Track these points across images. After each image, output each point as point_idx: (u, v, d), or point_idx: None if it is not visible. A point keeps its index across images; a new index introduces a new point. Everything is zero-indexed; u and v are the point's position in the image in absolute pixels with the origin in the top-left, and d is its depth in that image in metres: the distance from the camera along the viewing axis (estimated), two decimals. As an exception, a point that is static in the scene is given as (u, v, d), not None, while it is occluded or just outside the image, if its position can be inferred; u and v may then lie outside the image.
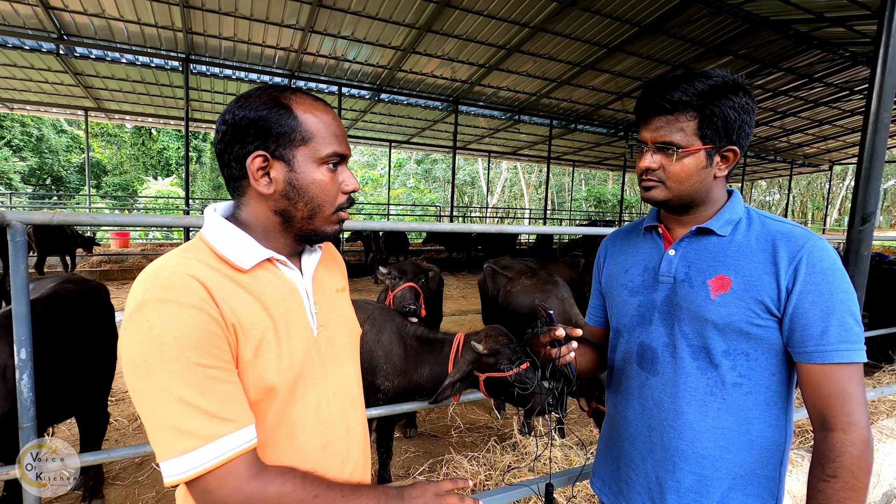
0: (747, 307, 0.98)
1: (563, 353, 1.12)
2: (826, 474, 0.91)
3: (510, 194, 33.03)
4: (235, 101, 0.86)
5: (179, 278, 0.75)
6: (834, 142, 16.65)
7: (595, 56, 9.41)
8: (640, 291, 1.15)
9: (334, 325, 0.96)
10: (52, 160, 20.88)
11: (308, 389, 0.87)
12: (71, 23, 7.65)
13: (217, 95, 11.29)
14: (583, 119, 13.63)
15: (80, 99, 11.44)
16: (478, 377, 2.13)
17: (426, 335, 2.53)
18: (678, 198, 1.05)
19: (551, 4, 7.51)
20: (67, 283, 2.56)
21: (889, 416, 3.10)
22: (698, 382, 1.04)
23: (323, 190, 0.87)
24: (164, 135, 23.70)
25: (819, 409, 0.94)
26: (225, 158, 0.87)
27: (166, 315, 0.72)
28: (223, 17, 7.63)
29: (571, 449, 2.66)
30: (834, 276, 0.94)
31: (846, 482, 0.89)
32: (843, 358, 0.92)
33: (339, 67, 9.75)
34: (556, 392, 1.38)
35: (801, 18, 8.07)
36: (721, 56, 9.59)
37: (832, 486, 0.90)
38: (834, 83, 11.40)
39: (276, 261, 0.89)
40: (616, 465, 1.21)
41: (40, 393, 1.65)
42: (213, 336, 0.74)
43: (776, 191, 35.54)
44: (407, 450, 3.54)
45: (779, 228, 1.01)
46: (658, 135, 1.02)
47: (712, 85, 0.98)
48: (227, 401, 0.73)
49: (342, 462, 0.92)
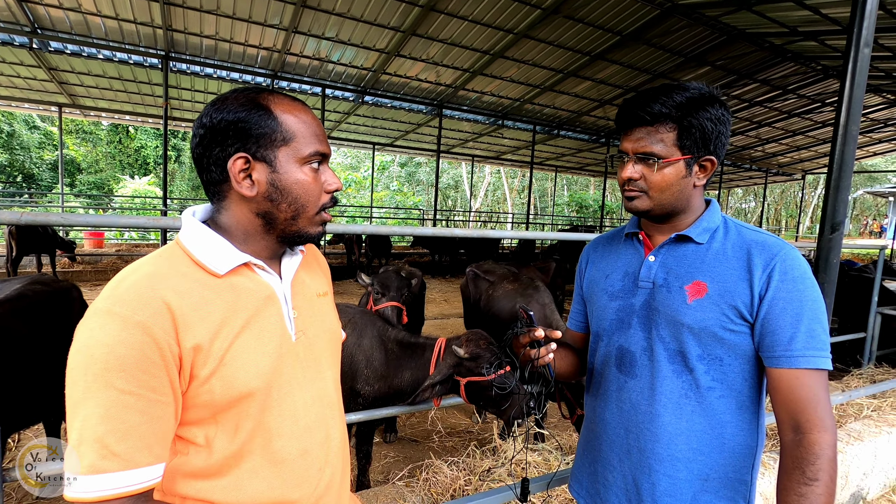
0: (722, 312, 1.01)
1: (543, 354, 1.14)
2: (808, 478, 0.91)
3: (493, 198, 33.21)
4: (212, 105, 0.84)
5: (137, 293, 0.73)
6: (806, 152, 17.17)
7: (578, 63, 9.54)
8: (620, 296, 1.17)
9: (314, 330, 0.95)
10: (23, 157, 20.23)
11: (284, 396, 0.86)
12: (45, 16, 7.45)
13: (197, 94, 11.11)
14: (565, 125, 13.80)
15: (54, 95, 11.13)
16: (458, 382, 2.13)
17: (407, 340, 2.52)
18: (660, 206, 1.08)
19: (535, 12, 7.60)
20: (35, 283, 2.48)
21: (856, 419, 3.19)
22: (674, 386, 1.06)
23: (306, 190, 0.86)
24: (141, 133, 23.17)
25: (791, 413, 0.96)
26: (203, 162, 0.85)
27: (106, 329, 0.70)
28: (204, 15, 7.51)
29: (551, 453, 2.67)
30: (804, 285, 0.97)
31: (826, 485, 0.91)
32: (809, 364, 0.94)
33: (322, 68, 9.69)
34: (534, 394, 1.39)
35: (775, 32, 8.32)
36: (700, 66, 9.83)
37: (815, 489, 0.91)
38: (807, 95, 11.78)
39: (254, 265, 0.87)
40: (594, 468, 1.22)
41: (4, 399, 1.59)
42: (145, 360, 0.70)
43: (752, 199, 36.49)
44: (387, 455, 3.52)
45: (754, 237, 1.05)
46: (639, 146, 1.05)
47: (690, 97, 1.02)
48: (126, 434, 0.69)
49: (320, 469, 0.91)
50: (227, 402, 0.79)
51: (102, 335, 0.69)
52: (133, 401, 0.70)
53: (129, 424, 0.70)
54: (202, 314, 0.77)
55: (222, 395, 0.78)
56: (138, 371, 0.70)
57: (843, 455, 2.73)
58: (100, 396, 0.68)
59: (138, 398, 0.70)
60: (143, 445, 0.71)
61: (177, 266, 0.80)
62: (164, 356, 0.72)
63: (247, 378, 0.80)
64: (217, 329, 0.78)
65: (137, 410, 0.70)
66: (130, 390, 0.70)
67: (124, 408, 0.69)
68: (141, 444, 0.71)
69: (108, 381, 0.68)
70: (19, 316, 2.21)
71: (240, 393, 0.80)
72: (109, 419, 0.68)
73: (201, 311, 0.77)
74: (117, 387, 0.69)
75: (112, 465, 0.68)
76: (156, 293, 0.74)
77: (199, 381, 0.77)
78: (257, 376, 0.81)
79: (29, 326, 2.22)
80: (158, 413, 0.73)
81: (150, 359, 0.71)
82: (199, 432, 0.80)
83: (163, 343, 0.72)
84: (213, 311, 0.79)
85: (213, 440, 0.81)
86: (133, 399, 0.70)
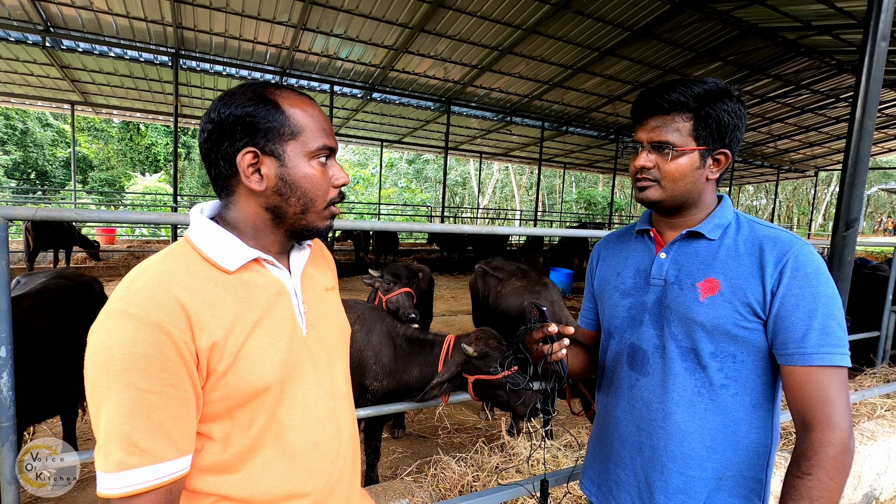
0: (734, 309, 1.00)
1: (556, 350, 1.14)
2: (801, 471, 0.92)
3: (501, 195, 33.11)
4: (219, 100, 0.85)
5: (150, 292, 0.74)
6: (819, 148, 16.94)
7: (587, 59, 9.47)
8: (632, 293, 1.16)
9: (324, 323, 0.96)
10: (36, 154, 20.51)
11: (296, 389, 0.87)
12: (58, 15, 7.53)
13: (207, 91, 11.18)
14: (574, 121, 13.72)
15: (67, 92, 11.27)
16: (466, 379, 2.13)
17: (416, 336, 2.52)
18: (672, 198, 1.07)
19: (544, 7, 7.55)
20: (59, 278, 2.53)
21: (870, 418, 3.15)
22: (686, 383, 1.05)
23: (315, 184, 0.86)
24: (152, 130, 23.37)
25: (800, 411, 0.95)
26: (212, 157, 0.85)
27: (124, 329, 0.70)
28: (214, 13, 7.56)
29: (560, 451, 2.67)
30: (818, 281, 0.96)
31: (820, 480, 0.90)
32: (823, 361, 0.93)
33: (331, 65, 9.71)
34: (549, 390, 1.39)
35: (789, 26, 8.20)
36: (711, 61, 9.71)
37: (805, 483, 0.91)
38: (820, 90, 11.60)
39: (264, 261, 0.88)
40: (605, 466, 1.22)
41: (24, 392, 1.62)
42: (163, 359, 0.71)
43: (763, 195, 36.08)
44: (395, 450, 3.53)
45: (766, 233, 1.03)
46: (654, 134, 1.04)
47: (707, 89, 1.02)
48: (151, 430, 0.71)
49: (332, 461, 0.92)
50: (243, 397, 0.80)
51: (120, 336, 0.70)
52: (155, 398, 0.71)
53: (154, 421, 0.71)
54: (215, 311, 0.78)
55: (238, 390, 0.79)
56: (157, 370, 0.71)
57: (856, 455, 2.70)
58: (122, 396, 0.70)
59: (160, 395, 0.71)
60: (168, 441, 0.73)
61: (187, 264, 0.81)
62: (181, 353, 0.73)
63: (262, 373, 0.81)
64: (231, 325, 0.79)
65: (160, 407, 0.72)
66: (152, 389, 0.71)
67: (147, 406, 0.71)
68: (166, 439, 0.72)
69: (130, 380, 0.70)
70: (44, 308, 2.25)
71: (255, 388, 0.80)
72: (134, 417, 0.70)
73: (214, 309, 0.78)
74: (139, 386, 0.70)
75: (140, 460, 0.70)
76: (169, 292, 0.74)
77: (216, 377, 0.78)
78: (272, 371, 0.82)
79: (52, 319, 2.26)
80: (181, 409, 0.74)
81: (168, 357, 0.72)
82: (215, 428, 0.81)
83: (180, 341, 0.73)
84: (225, 308, 0.79)
85: (228, 435, 0.81)
86: (155, 397, 0.71)
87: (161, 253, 0.84)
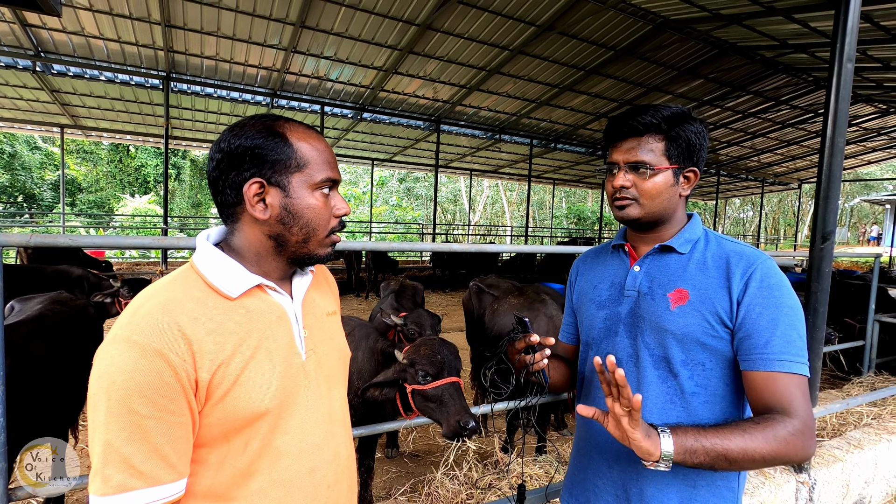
0: (703, 318, 1.06)
1: (537, 360, 1.17)
2: (752, 420, 0.95)
3: (492, 211, 33.31)
4: (230, 130, 0.88)
5: (154, 320, 0.76)
6: (801, 161, 17.32)
7: (573, 78, 9.69)
8: (607, 305, 1.21)
9: (324, 348, 0.97)
10: (24, 177, 20.38)
11: (293, 415, 0.88)
12: (49, 40, 7.59)
13: (198, 113, 11.24)
14: (562, 138, 13.95)
15: (56, 116, 11.28)
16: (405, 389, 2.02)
17: (387, 349, 2.50)
18: (650, 214, 1.13)
19: (530, 28, 7.75)
20: (55, 303, 2.52)
21: (856, 427, 3.20)
22: (659, 391, 1.10)
23: (317, 214, 0.89)
24: (141, 151, 23.34)
25: (766, 405, 0.99)
26: (219, 185, 0.88)
27: (126, 356, 0.73)
28: (205, 37, 7.66)
29: (552, 465, 2.67)
30: (780, 293, 1.02)
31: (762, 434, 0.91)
32: (784, 367, 0.98)
33: (321, 87, 9.84)
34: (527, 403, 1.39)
35: (766, 45, 8.47)
36: (693, 79, 9.98)
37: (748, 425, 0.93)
38: (799, 105, 11.93)
39: (266, 287, 0.90)
40: (584, 475, 1.25)
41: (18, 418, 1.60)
42: (163, 385, 0.74)
43: (749, 208, 36.60)
44: (388, 470, 3.51)
45: (733, 248, 1.10)
46: (630, 155, 1.11)
47: (674, 113, 1.10)
48: (151, 454, 0.74)
49: (329, 486, 0.93)
50: (241, 421, 0.82)
51: (122, 362, 0.73)
52: (154, 424, 0.74)
53: (153, 445, 0.74)
54: (217, 338, 0.80)
55: (236, 414, 0.81)
56: (157, 396, 0.74)
57: (844, 463, 2.73)
58: (123, 421, 0.72)
59: (159, 421, 0.74)
60: (167, 464, 0.75)
61: (191, 291, 0.83)
62: (181, 381, 0.76)
63: (260, 398, 0.83)
64: (232, 352, 0.81)
65: (159, 433, 0.74)
66: (151, 414, 0.73)
67: (147, 431, 0.73)
68: (164, 462, 0.75)
69: (130, 406, 0.72)
70: (40, 336, 2.25)
71: (253, 413, 0.82)
72: (133, 441, 0.73)
73: (216, 336, 0.80)
74: (139, 411, 0.73)
75: (139, 482, 0.73)
76: (172, 320, 0.77)
77: (213, 401, 0.80)
78: (270, 396, 0.84)
79: (47, 346, 2.25)
80: (178, 433, 0.77)
81: (168, 384, 0.74)
82: (209, 452, 0.82)
83: (180, 369, 0.75)
84: (227, 335, 0.82)
85: (223, 459, 0.83)
86: (154, 422, 0.74)
87: (167, 278, 0.86)
